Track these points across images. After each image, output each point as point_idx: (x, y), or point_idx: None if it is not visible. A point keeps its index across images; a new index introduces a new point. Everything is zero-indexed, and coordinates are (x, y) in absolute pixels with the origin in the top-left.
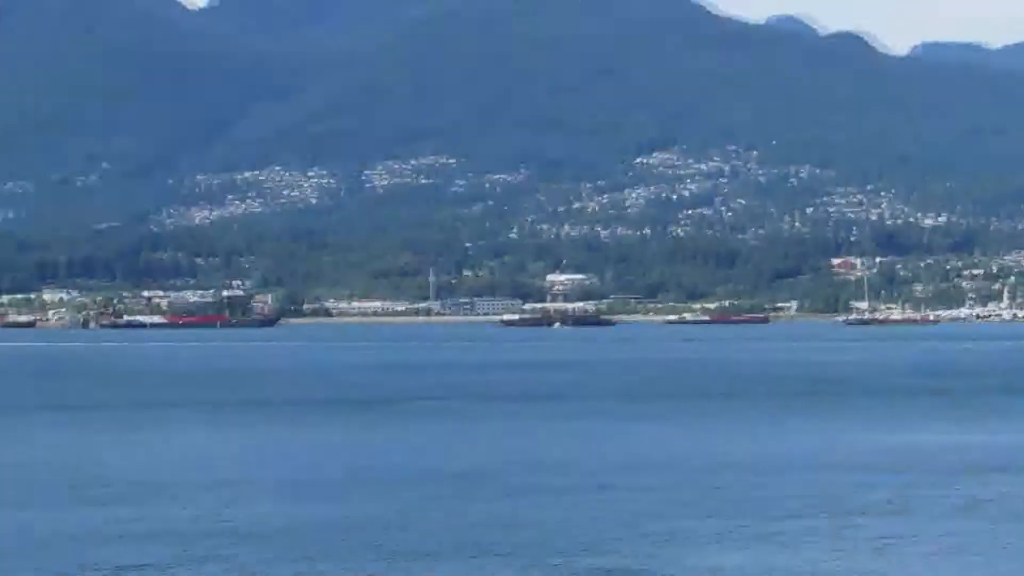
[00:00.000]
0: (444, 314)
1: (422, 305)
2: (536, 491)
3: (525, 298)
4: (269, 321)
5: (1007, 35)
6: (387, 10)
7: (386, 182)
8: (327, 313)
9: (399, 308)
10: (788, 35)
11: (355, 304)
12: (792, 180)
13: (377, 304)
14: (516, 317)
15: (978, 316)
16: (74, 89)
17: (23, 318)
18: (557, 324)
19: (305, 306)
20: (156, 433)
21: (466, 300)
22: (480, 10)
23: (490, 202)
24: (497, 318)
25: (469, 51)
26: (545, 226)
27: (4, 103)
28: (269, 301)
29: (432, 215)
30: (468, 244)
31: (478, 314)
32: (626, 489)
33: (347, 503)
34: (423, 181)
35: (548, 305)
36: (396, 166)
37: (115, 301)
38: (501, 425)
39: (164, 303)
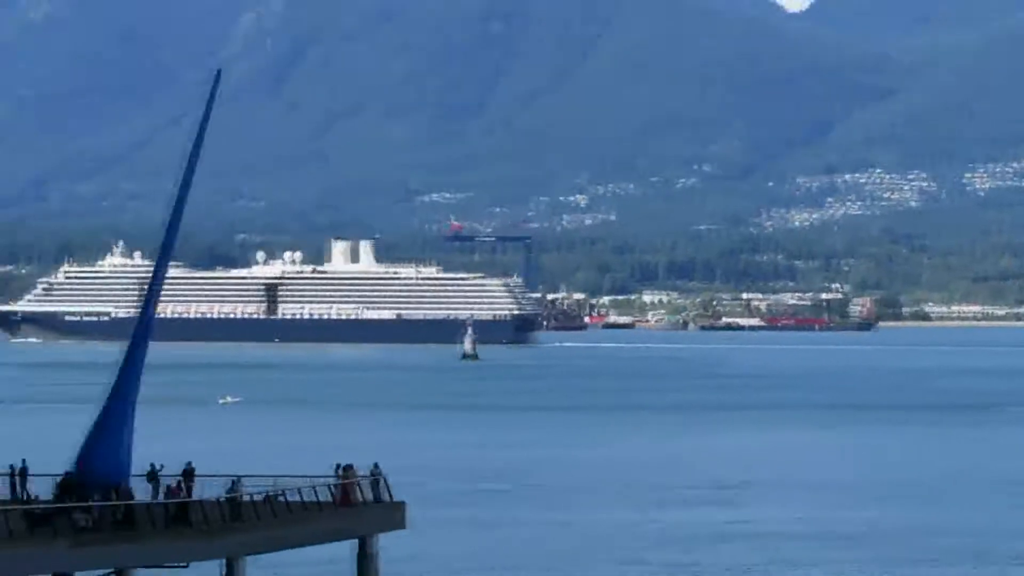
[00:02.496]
0: None
1: (1022, 310)
2: None
3: None
4: (867, 324)
5: None
6: (989, 10)
7: (987, 185)
8: (925, 317)
9: (999, 313)
10: None
11: (954, 308)
12: None
13: (976, 308)
14: None
15: None
16: (673, 92)
17: (623, 319)
18: None
19: (903, 309)
20: (754, 434)
21: None
22: None
23: None
24: None
25: None
26: None
27: (611, 108)
28: (868, 304)
29: None
30: None
31: None
32: None
33: (941, 508)
34: None
35: None
36: (998, 168)
37: (714, 303)
38: None
39: (763, 305)
